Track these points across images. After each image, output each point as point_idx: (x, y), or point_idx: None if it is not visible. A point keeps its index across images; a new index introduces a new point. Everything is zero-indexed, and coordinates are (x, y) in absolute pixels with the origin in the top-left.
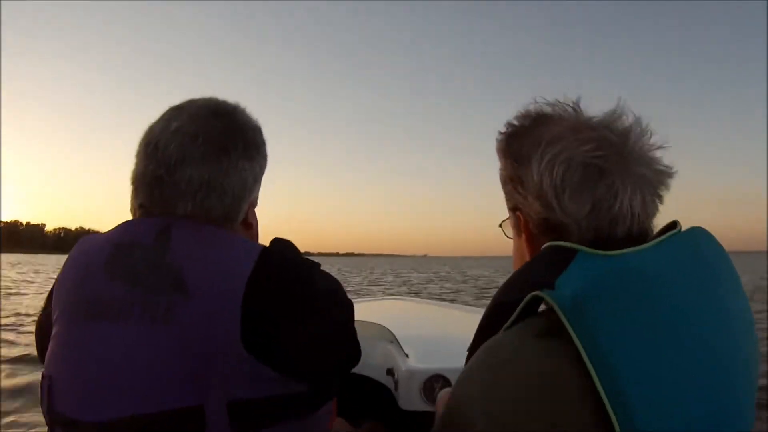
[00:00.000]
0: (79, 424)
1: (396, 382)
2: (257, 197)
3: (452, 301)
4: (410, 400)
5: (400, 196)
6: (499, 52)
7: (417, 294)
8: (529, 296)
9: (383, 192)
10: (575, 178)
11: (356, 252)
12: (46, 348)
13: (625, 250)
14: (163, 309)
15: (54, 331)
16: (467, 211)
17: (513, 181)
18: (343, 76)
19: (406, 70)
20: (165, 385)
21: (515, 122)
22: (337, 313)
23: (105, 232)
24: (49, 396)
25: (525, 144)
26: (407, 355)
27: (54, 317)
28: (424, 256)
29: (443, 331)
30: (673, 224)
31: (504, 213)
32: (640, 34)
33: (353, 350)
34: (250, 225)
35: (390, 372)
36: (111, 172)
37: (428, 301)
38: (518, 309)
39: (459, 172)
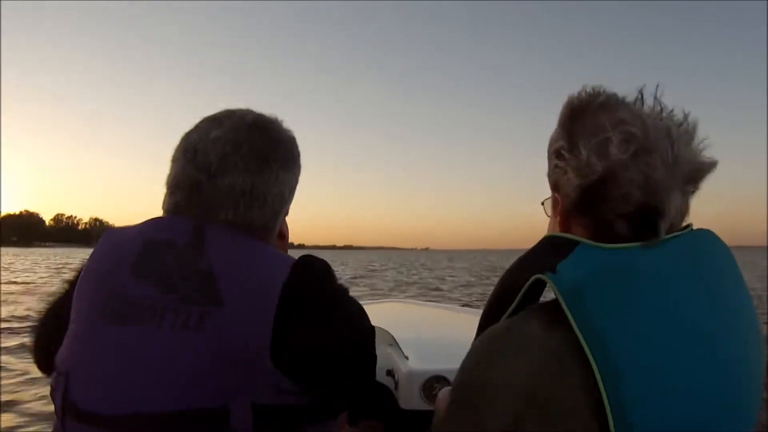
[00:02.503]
0: (97, 416)
1: (396, 383)
2: (289, 207)
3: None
4: (410, 400)
5: (402, 188)
6: (500, 49)
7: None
8: (532, 279)
9: (384, 184)
10: (619, 156)
11: (355, 245)
12: (53, 341)
13: (627, 245)
14: (196, 317)
15: (74, 327)
16: (470, 204)
17: (558, 153)
18: (343, 70)
19: (407, 66)
20: (190, 386)
21: (581, 99)
22: (361, 337)
23: (134, 227)
24: (65, 388)
25: (580, 125)
26: (407, 357)
27: (74, 313)
28: (426, 249)
29: (443, 332)
30: (686, 226)
31: (509, 206)
32: (638, 31)
33: (370, 370)
34: (283, 235)
35: (390, 373)
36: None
37: (428, 303)
38: (521, 292)
39: (463, 165)
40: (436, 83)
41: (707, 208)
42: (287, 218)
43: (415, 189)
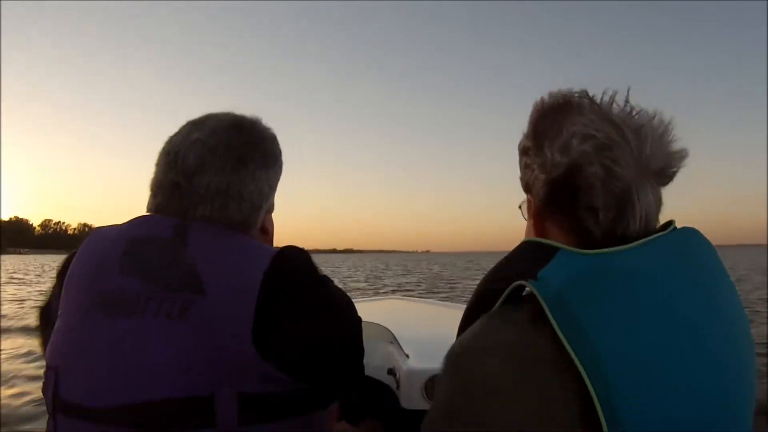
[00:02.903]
0: (85, 410)
1: (397, 382)
2: (273, 203)
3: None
4: (412, 399)
5: (402, 188)
6: (500, 49)
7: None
8: (513, 285)
9: (384, 184)
10: (581, 153)
11: (355, 248)
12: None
13: (608, 250)
14: (179, 307)
15: (61, 322)
16: (470, 204)
17: (527, 151)
18: (343, 70)
19: (407, 66)
20: (176, 376)
21: (550, 101)
22: (345, 324)
23: (118, 225)
24: (55, 385)
25: (546, 126)
26: (407, 356)
27: (61, 310)
28: (427, 251)
29: (444, 330)
30: (668, 224)
31: (511, 207)
32: (638, 31)
33: (358, 360)
34: (266, 231)
35: (391, 372)
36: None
37: (429, 300)
38: (502, 298)
39: (463, 165)
40: (436, 83)
41: (707, 208)
42: (282, 218)
43: (415, 189)
